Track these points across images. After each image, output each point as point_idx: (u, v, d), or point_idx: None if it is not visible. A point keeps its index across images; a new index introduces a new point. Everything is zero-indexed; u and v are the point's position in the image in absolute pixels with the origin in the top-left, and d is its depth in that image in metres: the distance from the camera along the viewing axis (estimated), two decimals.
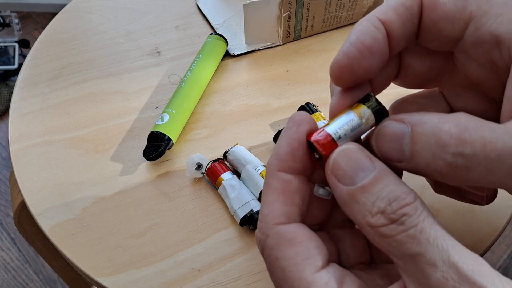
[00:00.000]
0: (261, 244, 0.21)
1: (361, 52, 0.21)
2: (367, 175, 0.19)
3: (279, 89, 0.42)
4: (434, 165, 0.19)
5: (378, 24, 0.21)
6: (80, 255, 0.32)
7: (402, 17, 0.22)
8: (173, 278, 0.31)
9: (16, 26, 1.37)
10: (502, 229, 0.33)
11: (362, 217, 0.19)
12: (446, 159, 0.18)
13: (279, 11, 0.43)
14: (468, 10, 0.21)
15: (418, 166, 0.19)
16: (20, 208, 0.41)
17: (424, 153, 0.19)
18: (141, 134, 0.39)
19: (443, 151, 0.18)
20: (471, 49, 0.22)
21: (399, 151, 0.20)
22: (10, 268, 0.98)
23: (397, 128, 0.20)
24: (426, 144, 0.19)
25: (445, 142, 0.18)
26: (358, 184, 0.19)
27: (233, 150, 0.36)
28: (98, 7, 0.51)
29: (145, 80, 0.43)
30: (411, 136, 0.19)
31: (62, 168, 0.37)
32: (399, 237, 0.18)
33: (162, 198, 0.35)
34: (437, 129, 0.19)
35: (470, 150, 0.18)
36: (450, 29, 0.22)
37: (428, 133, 0.19)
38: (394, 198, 0.18)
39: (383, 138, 0.20)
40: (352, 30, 0.22)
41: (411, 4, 0.22)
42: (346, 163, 0.20)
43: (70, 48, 0.46)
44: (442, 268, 0.17)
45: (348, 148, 0.20)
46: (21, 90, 0.43)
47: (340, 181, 0.20)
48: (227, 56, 0.45)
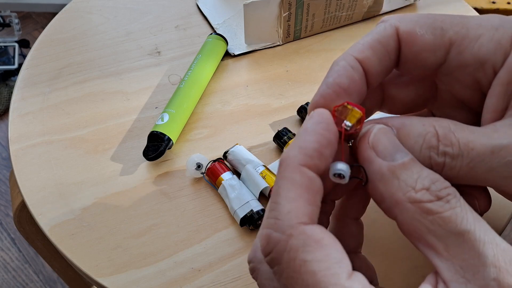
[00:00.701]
0: (280, 246, 0.19)
1: (337, 94, 0.21)
2: (405, 155, 0.19)
3: (279, 89, 0.42)
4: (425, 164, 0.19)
5: (355, 64, 0.22)
6: (80, 255, 0.32)
7: (379, 54, 0.22)
8: (173, 278, 0.31)
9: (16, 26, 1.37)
10: (502, 229, 0.33)
11: (403, 193, 0.18)
12: (436, 159, 0.19)
13: (279, 11, 0.43)
14: (446, 36, 0.22)
15: None
16: (20, 208, 0.41)
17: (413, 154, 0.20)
18: (141, 134, 0.39)
19: (432, 152, 0.19)
20: (455, 72, 0.23)
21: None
22: (10, 268, 0.98)
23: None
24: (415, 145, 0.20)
25: (432, 143, 0.19)
26: (399, 161, 0.19)
27: (233, 150, 0.36)
28: (98, 7, 0.51)
29: (145, 80, 0.43)
30: (398, 138, 0.20)
31: (62, 168, 0.37)
32: (447, 213, 0.18)
33: (162, 198, 0.35)
34: (423, 131, 0.19)
35: (456, 150, 0.19)
36: (432, 57, 0.22)
37: (415, 135, 0.20)
38: (436, 179, 0.19)
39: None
40: (329, 70, 0.22)
41: (387, 41, 0.22)
42: (387, 139, 0.20)
43: (70, 48, 0.46)
44: (491, 246, 0.17)
45: (387, 128, 0.20)
46: (21, 90, 0.43)
47: (380, 155, 0.19)
48: (227, 56, 0.45)
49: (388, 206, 0.19)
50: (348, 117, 0.20)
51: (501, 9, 1.03)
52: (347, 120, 0.20)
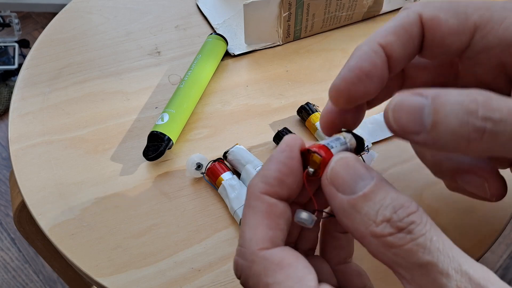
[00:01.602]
0: (245, 272, 0.20)
1: (358, 78, 0.21)
2: (367, 183, 0.19)
3: (279, 89, 0.42)
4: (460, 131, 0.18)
5: (378, 49, 0.22)
6: (80, 255, 0.32)
7: (403, 40, 0.22)
8: (173, 278, 0.31)
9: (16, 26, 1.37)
10: (502, 229, 0.33)
11: (365, 227, 0.18)
12: (476, 124, 0.18)
13: (279, 11, 0.43)
14: (471, 20, 0.21)
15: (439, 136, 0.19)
16: (20, 208, 0.41)
17: (448, 120, 0.18)
18: (141, 134, 0.39)
19: (471, 117, 0.18)
20: (479, 55, 0.22)
21: (417, 122, 0.19)
22: (10, 268, 0.98)
23: (416, 100, 0.19)
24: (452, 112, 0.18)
25: (472, 108, 0.18)
26: (359, 193, 0.19)
27: (233, 150, 0.36)
28: (98, 7, 0.51)
29: (145, 80, 0.43)
30: (433, 106, 0.19)
31: (62, 168, 0.37)
32: (408, 246, 0.17)
33: (162, 198, 0.35)
34: (461, 98, 0.18)
35: (498, 115, 0.18)
36: (456, 42, 0.22)
37: (452, 102, 0.18)
38: (398, 206, 0.18)
39: (401, 110, 0.19)
40: (351, 55, 0.22)
41: (411, 27, 0.22)
42: (346, 171, 0.19)
43: (70, 48, 0.46)
44: (455, 277, 0.17)
45: (346, 157, 0.20)
46: (21, 90, 0.43)
47: (340, 190, 0.19)
48: (227, 56, 0.45)
49: (356, 238, 0.19)
50: (310, 161, 0.21)
51: None
52: (309, 166, 0.21)
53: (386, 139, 0.38)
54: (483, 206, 0.34)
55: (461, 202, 0.34)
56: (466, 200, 0.34)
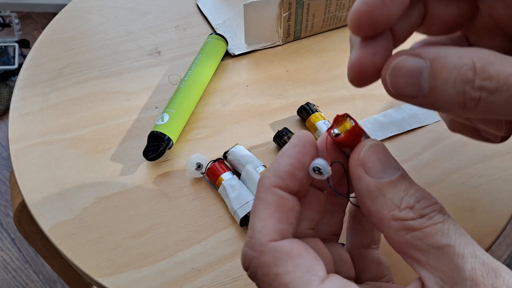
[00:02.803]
0: (254, 263, 0.20)
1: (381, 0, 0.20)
2: (394, 172, 0.20)
3: (279, 89, 0.42)
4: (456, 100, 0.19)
5: None
6: (80, 255, 0.32)
7: None
8: (173, 278, 0.31)
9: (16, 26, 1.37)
10: (502, 229, 0.33)
11: (388, 210, 0.19)
12: (470, 93, 0.18)
13: (279, 11, 0.43)
14: None
15: (436, 101, 0.19)
16: (20, 208, 0.41)
17: (446, 88, 0.18)
18: (141, 134, 0.39)
19: (466, 86, 0.18)
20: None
21: (415, 86, 0.19)
22: (10, 268, 0.98)
23: (414, 62, 0.19)
24: (448, 78, 0.18)
25: (469, 76, 0.18)
26: (387, 179, 0.20)
27: (233, 150, 0.36)
28: (98, 7, 0.51)
29: (145, 80, 0.43)
30: (431, 70, 0.19)
31: (62, 168, 0.37)
32: (428, 229, 0.18)
33: (162, 198, 0.35)
34: (459, 63, 0.18)
35: (494, 84, 0.18)
36: None
37: (450, 67, 0.18)
38: (422, 197, 0.19)
39: (399, 73, 0.19)
40: None
41: None
42: (377, 156, 0.20)
43: (70, 48, 0.46)
44: (470, 259, 0.18)
45: (379, 144, 0.21)
46: (21, 90, 0.43)
47: (369, 173, 0.20)
48: (227, 56, 0.45)
49: (374, 220, 0.20)
50: (341, 126, 0.21)
51: None
52: (338, 128, 0.21)
53: (386, 139, 0.38)
54: (483, 206, 0.34)
55: (461, 202, 0.34)
56: (466, 200, 0.34)
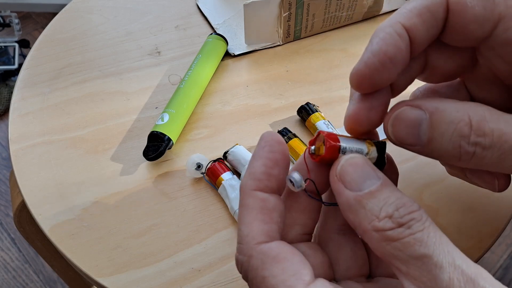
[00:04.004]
0: (244, 267, 0.20)
1: (382, 63, 0.21)
2: (374, 183, 0.20)
3: (279, 89, 0.42)
4: (453, 152, 0.20)
5: (402, 32, 0.21)
6: (80, 255, 0.32)
7: (427, 23, 0.21)
8: (173, 278, 0.31)
9: (16, 26, 1.37)
10: (502, 229, 0.33)
11: (368, 222, 0.19)
12: (465, 148, 0.19)
13: (279, 11, 0.43)
14: (497, 11, 0.21)
15: (433, 151, 0.20)
16: (20, 208, 0.41)
17: (442, 140, 0.20)
18: (141, 134, 0.39)
19: (462, 141, 0.19)
20: (499, 48, 0.22)
21: (415, 136, 0.20)
22: (10, 268, 0.98)
23: (414, 114, 0.20)
24: (445, 132, 0.19)
25: (464, 132, 0.19)
26: (365, 190, 0.19)
27: (233, 150, 0.36)
28: (98, 7, 0.51)
29: (145, 80, 0.43)
30: (429, 123, 0.20)
31: (62, 168, 0.37)
32: (406, 239, 0.18)
33: (162, 198, 0.35)
34: (456, 118, 0.19)
35: (488, 141, 0.19)
36: (478, 30, 0.21)
37: (448, 122, 0.19)
38: (401, 204, 0.19)
39: (400, 123, 0.21)
40: (373, 37, 0.21)
41: (437, 9, 0.21)
42: (354, 170, 0.20)
43: (70, 48, 0.46)
44: (448, 270, 0.18)
45: (356, 157, 0.21)
46: (21, 90, 0.43)
47: (347, 186, 0.20)
48: (227, 56, 0.45)
49: (358, 232, 0.20)
50: (317, 145, 0.22)
51: None
52: (315, 146, 0.22)
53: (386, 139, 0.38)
54: (483, 206, 0.34)
55: (461, 202, 0.34)
56: (466, 200, 0.34)
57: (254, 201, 0.21)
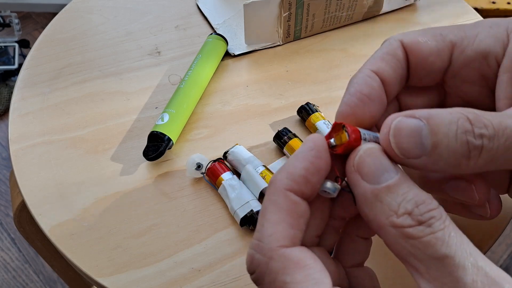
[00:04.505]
0: (262, 268, 0.20)
1: (361, 100, 0.22)
2: (392, 176, 0.19)
3: (279, 89, 0.42)
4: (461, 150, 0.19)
5: (371, 74, 0.23)
6: (80, 255, 0.32)
7: (391, 64, 0.23)
8: (173, 278, 0.31)
9: (16, 26, 1.37)
10: (502, 229, 0.33)
11: (386, 217, 0.19)
12: (473, 142, 0.19)
13: (279, 11, 0.43)
14: (447, 39, 0.24)
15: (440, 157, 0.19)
16: (20, 208, 0.41)
17: (448, 141, 0.19)
18: (141, 134, 0.39)
19: (468, 136, 0.19)
20: (461, 71, 0.24)
21: (418, 145, 0.20)
22: (10, 268, 0.98)
23: (412, 122, 0.20)
24: (448, 132, 0.19)
25: (467, 127, 0.19)
26: (383, 184, 0.19)
27: (233, 150, 0.36)
28: (98, 7, 0.51)
29: (145, 80, 0.43)
30: (429, 129, 0.19)
31: (62, 168, 0.37)
32: (427, 238, 0.18)
33: (162, 198, 0.35)
34: (454, 117, 0.19)
35: (491, 130, 0.19)
36: (438, 61, 0.24)
37: (447, 122, 0.19)
38: (420, 201, 0.18)
39: (401, 133, 0.20)
40: (348, 85, 0.23)
41: (395, 51, 0.24)
42: (372, 161, 0.20)
43: (70, 48, 0.46)
44: (471, 271, 0.17)
45: (374, 148, 0.20)
46: (21, 90, 0.43)
47: (364, 178, 0.19)
48: (227, 56, 0.45)
49: (373, 227, 0.20)
50: (337, 136, 0.21)
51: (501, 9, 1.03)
52: (335, 138, 0.21)
53: None
54: None
55: None
56: None
57: (285, 201, 0.20)
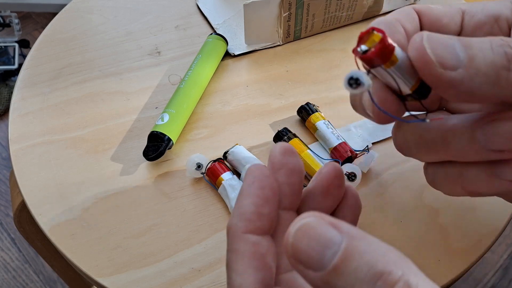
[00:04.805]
0: None
1: (397, 20, 0.24)
2: (336, 250, 0.16)
3: (279, 89, 0.42)
4: (501, 61, 0.19)
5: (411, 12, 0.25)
6: (80, 255, 0.32)
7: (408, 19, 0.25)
8: (173, 278, 0.31)
9: (16, 26, 1.37)
10: (502, 229, 0.33)
11: None
12: (508, 51, 0.19)
13: (279, 11, 0.43)
14: (457, 8, 0.25)
15: (478, 70, 0.19)
16: (20, 208, 0.41)
17: (484, 54, 0.19)
18: (141, 134, 0.39)
19: (505, 47, 0.19)
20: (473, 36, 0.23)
21: (454, 56, 0.19)
22: (10, 268, 0.98)
23: (443, 36, 0.19)
24: (483, 46, 0.19)
25: (501, 42, 0.19)
26: (329, 267, 0.16)
27: (233, 150, 0.36)
28: (98, 7, 0.51)
29: (145, 80, 0.43)
30: (463, 43, 0.19)
31: (62, 168, 0.37)
32: None
33: (162, 198, 0.35)
34: (485, 39, 0.19)
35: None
36: (451, 23, 0.24)
37: (478, 41, 0.19)
38: (377, 276, 0.15)
39: (435, 42, 0.19)
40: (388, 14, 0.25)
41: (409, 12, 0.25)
42: (307, 244, 0.16)
43: (70, 48, 0.46)
44: None
45: (304, 225, 0.17)
46: (21, 90, 0.43)
47: (308, 267, 0.16)
48: (227, 56, 0.45)
49: None
50: (368, 41, 0.20)
51: None
52: (365, 44, 0.20)
53: (386, 139, 0.38)
54: (483, 206, 0.34)
55: (461, 202, 0.34)
56: (466, 200, 0.34)
57: (245, 246, 0.19)
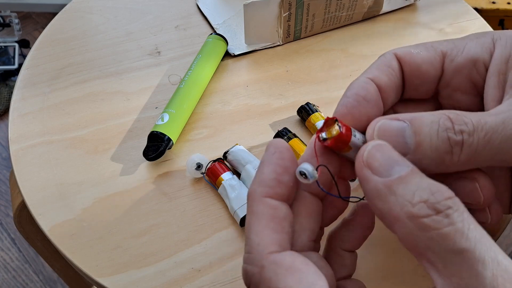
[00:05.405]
0: (255, 278, 0.19)
1: (357, 101, 0.23)
2: (403, 169, 0.19)
3: (279, 89, 0.42)
4: (444, 147, 0.20)
5: (368, 81, 0.24)
6: (80, 255, 0.32)
7: (386, 72, 0.25)
8: (173, 278, 0.31)
9: (16, 26, 1.37)
10: (502, 229, 0.33)
11: (401, 208, 0.18)
12: (454, 138, 0.20)
13: (279, 11, 0.43)
14: (438, 50, 0.25)
15: (424, 155, 0.20)
16: (20, 208, 0.41)
17: (431, 140, 0.20)
18: (141, 134, 0.39)
19: (449, 132, 0.20)
20: (453, 80, 0.25)
21: (402, 144, 0.20)
22: (10, 268, 0.98)
23: (396, 124, 0.21)
24: (431, 131, 0.20)
25: (447, 125, 0.20)
26: (395, 176, 0.19)
27: (233, 150, 0.36)
28: (98, 7, 0.51)
29: (145, 80, 0.43)
30: (413, 129, 0.20)
31: (62, 168, 0.37)
32: (445, 230, 0.17)
33: (162, 198, 0.35)
34: (435, 118, 0.20)
35: (470, 126, 0.20)
36: (431, 69, 0.25)
37: (429, 122, 0.20)
38: (435, 189, 0.18)
39: (385, 134, 0.21)
40: (346, 90, 0.24)
41: (390, 62, 0.25)
42: (382, 155, 0.20)
43: (70, 48, 0.46)
44: (492, 265, 0.17)
45: (383, 143, 0.20)
46: (21, 90, 0.43)
47: (375, 172, 0.19)
48: (227, 56, 0.45)
49: (387, 222, 0.19)
50: (328, 130, 0.22)
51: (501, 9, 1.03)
52: (326, 132, 0.22)
53: None
54: None
55: None
56: None
57: (264, 209, 0.20)
